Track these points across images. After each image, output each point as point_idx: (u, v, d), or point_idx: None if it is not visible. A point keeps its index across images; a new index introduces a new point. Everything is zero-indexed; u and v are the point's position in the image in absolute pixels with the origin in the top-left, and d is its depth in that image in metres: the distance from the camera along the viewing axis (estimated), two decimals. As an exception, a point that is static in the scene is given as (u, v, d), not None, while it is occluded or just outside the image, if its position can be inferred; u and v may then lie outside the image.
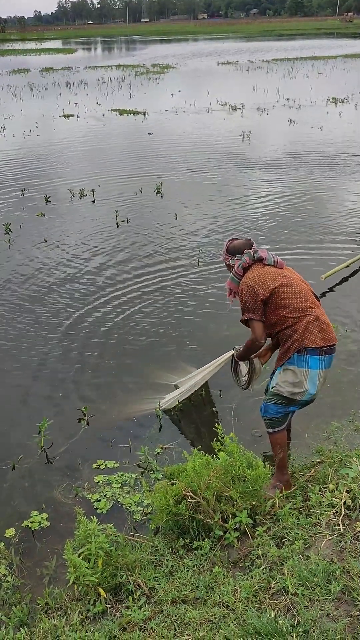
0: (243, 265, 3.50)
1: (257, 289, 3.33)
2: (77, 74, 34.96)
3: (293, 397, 3.34)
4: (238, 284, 3.53)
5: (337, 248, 7.59)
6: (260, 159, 12.64)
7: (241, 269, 3.51)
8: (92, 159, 13.28)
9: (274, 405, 3.38)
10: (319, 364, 3.31)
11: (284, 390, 3.34)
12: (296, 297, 3.34)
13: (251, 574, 2.77)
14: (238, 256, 3.54)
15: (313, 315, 3.33)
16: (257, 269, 3.45)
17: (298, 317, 3.31)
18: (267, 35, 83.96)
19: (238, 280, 3.53)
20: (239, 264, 3.51)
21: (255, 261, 3.50)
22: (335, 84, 25.09)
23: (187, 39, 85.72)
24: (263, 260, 3.48)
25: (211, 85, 25.88)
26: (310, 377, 3.30)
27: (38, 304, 6.32)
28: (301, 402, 3.41)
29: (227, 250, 3.62)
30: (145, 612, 2.64)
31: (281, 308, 3.33)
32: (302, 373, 3.30)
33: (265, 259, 3.47)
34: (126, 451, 4.08)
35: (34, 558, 3.27)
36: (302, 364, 3.30)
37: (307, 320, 3.30)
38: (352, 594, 2.53)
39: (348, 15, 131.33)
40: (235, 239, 3.66)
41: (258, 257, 3.48)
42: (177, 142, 14.66)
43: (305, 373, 3.30)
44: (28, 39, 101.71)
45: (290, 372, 3.34)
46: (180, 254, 7.58)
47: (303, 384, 3.31)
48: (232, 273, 3.56)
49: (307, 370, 3.30)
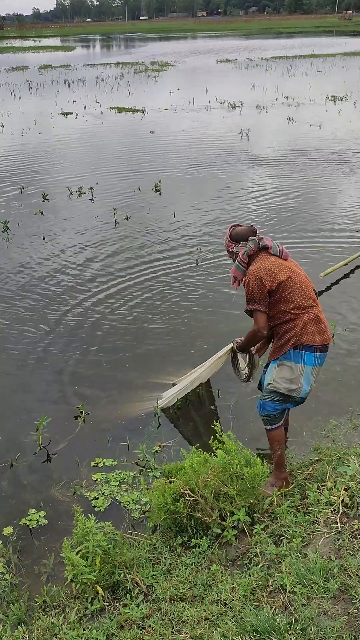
0: (248, 252, 3.42)
1: (265, 279, 3.28)
2: (76, 71, 34.90)
3: (290, 393, 3.34)
4: (244, 272, 3.45)
5: (336, 245, 7.58)
6: (258, 157, 12.63)
7: (246, 257, 3.43)
8: (90, 157, 13.26)
9: (271, 402, 3.38)
10: (314, 360, 3.31)
11: (281, 386, 3.33)
12: (300, 294, 3.33)
13: (249, 571, 2.77)
14: (243, 243, 3.45)
15: (313, 313, 3.32)
16: (264, 258, 3.38)
17: (298, 314, 3.30)
18: (266, 33, 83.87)
19: (243, 269, 3.45)
20: (244, 251, 3.43)
21: (260, 249, 3.43)
22: (334, 82, 25.08)
23: (186, 36, 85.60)
24: (268, 249, 3.41)
25: (210, 83, 25.85)
26: (306, 373, 3.31)
27: (36, 302, 6.31)
28: (297, 400, 3.41)
29: (230, 236, 3.51)
30: (143, 610, 2.64)
31: (284, 302, 3.31)
32: (298, 369, 3.30)
33: (271, 248, 3.41)
34: (124, 449, 4.08)
35: (31, 556, 3.27)
36: (298, 359, 3.30)
37: (307, 317, 3.29)
38: (350, 592, 2.53)
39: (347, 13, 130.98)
40: (237, 225, 3.56)
41: (263, 245, 3.41)
42: (176, 140, 14.64)
43: (301, 369, 3.30)
44: (26, 36, 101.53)
45: (286, 367, 3.33)
46: (179, 251, 7.57)
47: (299, 380, 3.31)
48: (237, 260, 3.46)
49: (303, 366, 3.30)
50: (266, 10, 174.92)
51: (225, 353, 4.13)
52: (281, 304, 3.32)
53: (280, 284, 3.30)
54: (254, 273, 3.32)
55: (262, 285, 3.28)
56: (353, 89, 22.51)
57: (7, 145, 14.63)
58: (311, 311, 3.32)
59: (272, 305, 3.34)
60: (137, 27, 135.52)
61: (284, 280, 3.30)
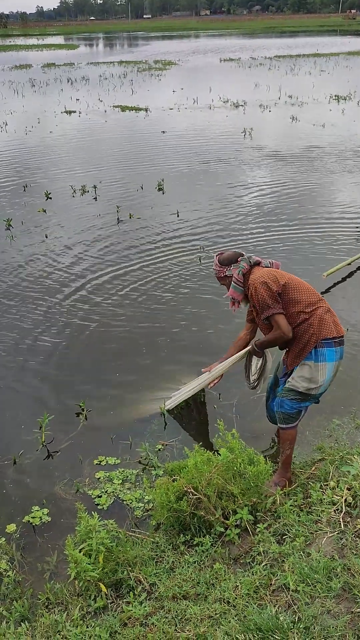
0: (242, 271, 3.49)
1: (270, 283, 3.30)
2: (79, 70, 34.88)
3: (308, 392, 3.33)
4: (242, 292, 3.51)
5: (339, 245, 7.57)
6: (261, 156, 12.61)
7: (241, 276, 3.49)
8: (93, 156, 13.26)
9: (289, 401, 3.37)
10: (335, 355, 3.31)
11: (300, 385, 3.33)
12: (306, 291, 3.35)
13: (252, 570, 2.77)
14: (234, 265, 3.54)
15: (325, 307, 3.35)
16: (258, 270, 3.46)
17: (311, 311, 3.30)
18: (270, 32, 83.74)
19: (241, 288, 3.50)
20: (238, 271, 3.50)
21: (252, 266, 3.52)
22: (337, 82, 25.02)
23: (190, 35, 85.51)
24: (260, 264, 3.52)
25: (213, 82, 25.81)
26: (328, 370, 3.30)
27: (38, 299, 6.32)
28: (316, 396, 3.40)
29: (219, 262, 3.60)
30: (146, 608, 2.64)
31: (294, 304, 3.31)
32: (318, 367, 3.29)
33: (262, 263, 3.52)
34: (127, 447, 4.08)
35: (35, 553, 3.27)
36: (319, 358, 3.29)
37: (320, 312, 3.30)
38: (353, 591, 2.53)
39: (351, 13, 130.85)
40: (221, 253, 3.67)
41: (255, 262, 3.51)
42: (179, 139, 14.63)
43: (322, 367, 3.28)
44: (30, 34, 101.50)
45: (306, 367, 3.32)
46: (182, 250, 7.57)
47: (318, 378, 3.30)
48: (233, 281, 3.52)
49: (324, 364, 3.29)
50: (270, 9, 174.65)
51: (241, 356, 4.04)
52: (292, 306, 3.32)
53: (284, 286, 3.33)
54: (258, 280, 3.35)
55: (270, 288, 3.30)
56: (357, 88, 22.45)
57: (10, 144, 14.63)
58: (322, 305, 3.34)
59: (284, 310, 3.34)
60: (141, 25, 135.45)
61: (286, 281, 3.35)
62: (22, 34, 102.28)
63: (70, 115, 18.71)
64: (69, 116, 18.62)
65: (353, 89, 22.29)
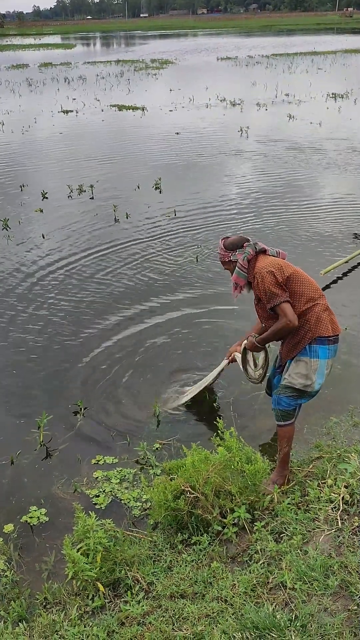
0: (248, 257, 3.43)
1: (276, 273, 3.28)
2: (76, 69, 34.83)
3: (305, 389, 3.34)
4: (245, 277, 3.46)
5: (336, 243, 7.58)
6: (258, 155, 12.60)
7: (246, 262, 3.44)
8: (90, 155, 13.24)
9: (286, 398, 3.37)
10: (327, 353, 3.32)
11: (297, 382, 3.33)
12: (309, 285, 3.34)
13: (249, 568, 2.78)
14: (239, 250, 3.47)
15: (323, 304, 3.34)
16: (264, 258, 3.41)
17: (310, 306, 3.30)
18: (267, 31, 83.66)
19: (245, 274, 3.45)
20: (243, 257, 3.43)
21: (258, 253, 3.46)
22: (334, 80, 25.02)
23: (187, 34, 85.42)
24: (266, 251, 3.47)
25: (210, 80, 25.79)
26: (320, 367, 3.31)
27: (35, 300, 6.31)
28: (312, 394, 3.41)
29: (224, 246, 3.53)
30: (143, 607, 2.65)
31: (296, 297, 3.30)
32: (312, 364, 3.30)
33: (268, 250, 3.47)
34: (125, 447, 4.08)
35: (32, 553, 3.27)
36: (312, 354, 3.30)
37: (317, 310, 3.30)
38: (350, 589, 2.54)
39: (348, 11, 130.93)
40: (227, 237, 3.61)
41: (260, 249, 3.46)
42: (176, 138, 14.62)
43: (315, 364, 3.30)
44: (27, 34, 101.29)
45: (302, 363, 3.33)
46: (179, 248, 7.57)
47: (313, 375, 3.31)
48: (238, 267, 3.46)
49: (317, 360, 3.30)
50: (267, 8, 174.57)
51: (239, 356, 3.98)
52: (293, 299, 3.30)
53: (289, 278, 3.30)
54: (264, 269, 3.31)
55: (275, 278, 3.27)
56: (354, 86, 22.44)
57: (7, 143, 14.61)
58: (321, 302, 3.34)
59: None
60: (138, 24, 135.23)
61: (292, 273, 3.32)
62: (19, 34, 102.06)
63: (67, 115, 18.68)
64: (65, 116, 18.59)
65: (350, 87, 22.28)
